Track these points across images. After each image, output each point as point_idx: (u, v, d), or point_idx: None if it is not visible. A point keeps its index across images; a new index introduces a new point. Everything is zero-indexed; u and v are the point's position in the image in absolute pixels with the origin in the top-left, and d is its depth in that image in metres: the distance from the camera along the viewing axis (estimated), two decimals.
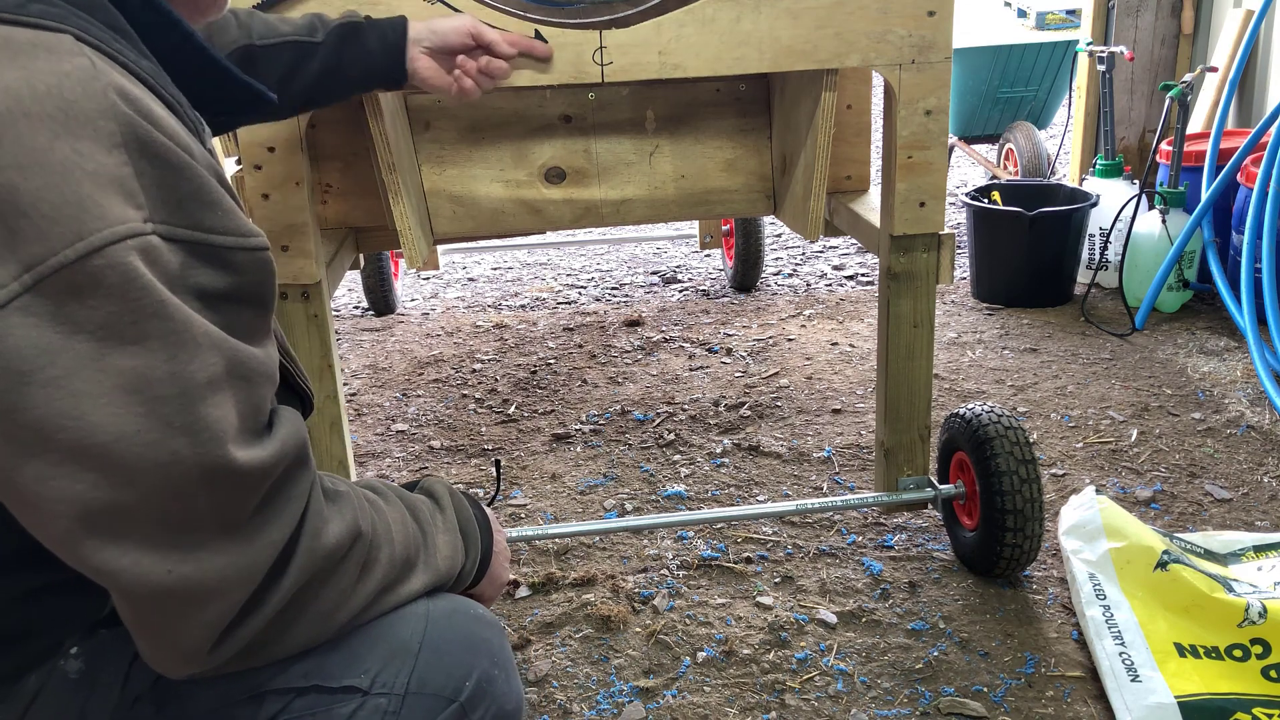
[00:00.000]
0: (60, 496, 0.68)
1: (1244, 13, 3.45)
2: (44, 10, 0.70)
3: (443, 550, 0.97)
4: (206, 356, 0.71)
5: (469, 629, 0.92)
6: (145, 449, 0.69)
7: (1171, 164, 3.20)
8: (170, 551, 0.72)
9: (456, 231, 1.95)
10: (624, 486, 2.32)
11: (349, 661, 0.86)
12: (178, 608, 0.73)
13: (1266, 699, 1.52)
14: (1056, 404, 2.63)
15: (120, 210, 0.68)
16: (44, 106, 0.66)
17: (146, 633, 0.75)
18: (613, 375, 2.94)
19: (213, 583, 0.73)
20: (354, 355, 3.20)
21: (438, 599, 0.94)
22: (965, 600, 1.86)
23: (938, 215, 1.74)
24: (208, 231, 0.73)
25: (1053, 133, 5.44)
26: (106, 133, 0.68)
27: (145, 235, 0.68)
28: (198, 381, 0.71)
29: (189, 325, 0.71)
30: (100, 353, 0.67)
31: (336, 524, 0.83)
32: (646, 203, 1.97)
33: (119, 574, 0.71)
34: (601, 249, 4.42)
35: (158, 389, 0.69)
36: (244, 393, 0.75)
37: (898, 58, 1.62)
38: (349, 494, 0.87)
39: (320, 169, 1.93)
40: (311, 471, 0.82)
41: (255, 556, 0.75)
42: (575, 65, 1.55)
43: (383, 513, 0.90)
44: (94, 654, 0.85)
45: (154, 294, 0.69)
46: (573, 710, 1.64)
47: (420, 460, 2.48)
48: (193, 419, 0.70)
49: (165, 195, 0.70)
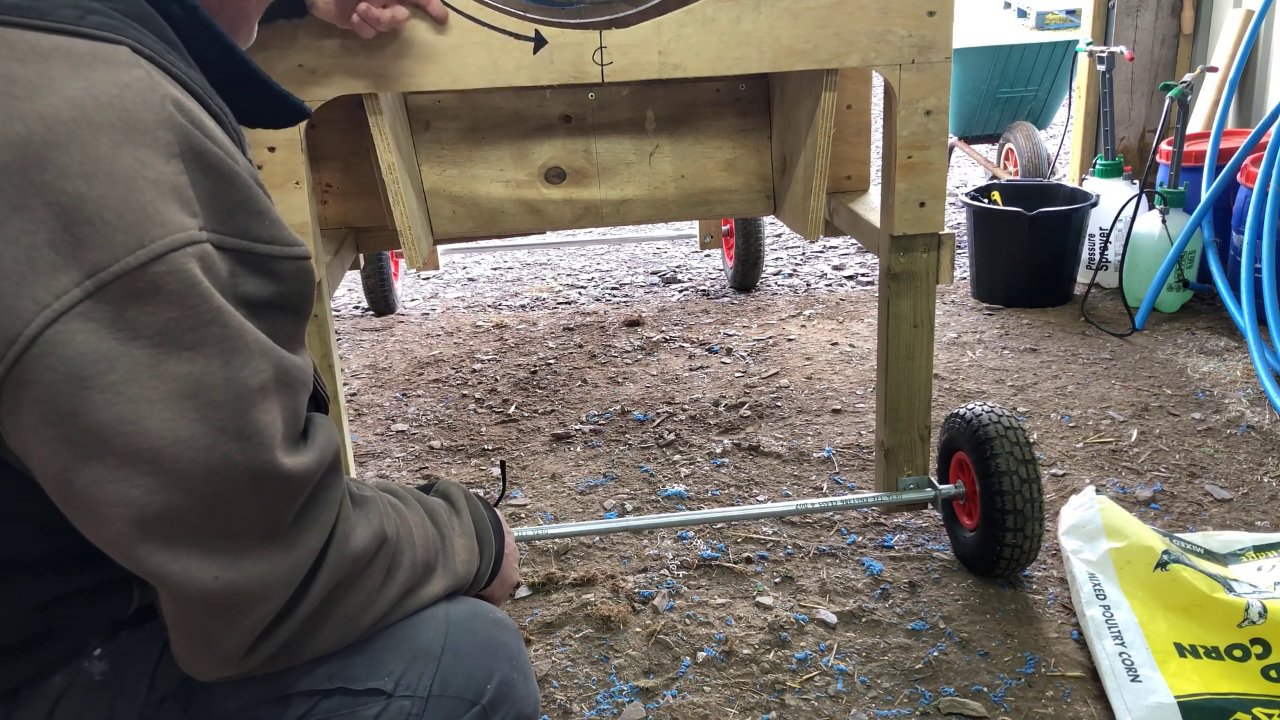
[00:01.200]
0: (117, 500, 0.69)
1: (1244, 13, 3.45)
2: (101, 22, 0.71)
3: (460, 554, 0.98)
4: (258, 363, 0.73)
5: (489, 633, 0.94)
6: (199, 453, 0.70)
7: (1171, 164, 3.20)
8: (218, 557, 0.73)
9: (456, 231, 1.95)
10: (624, 486, 2.32)
11: (373, 664, 0.87)
12: (221, 613, 0.74)
13: (1267, 699, 1.52)
14: (1056, 404, 2.63)
15: (179, 218, 0.69)
16: (106, 116, 0.67)
17: (187, 635, 0.76)
18: (613, 375, 2.94)
19: (255, 589, 0.74)
20: (354, 355, 3.20)
21: (457, 603, 0.95)
22: (965, 600, 1.86)
23: (938, 215, 1.74)
24: (255, 240, 0.74)
25: (1053, 133, 5.44)
26: (165, 142, 0.69)
27: (201, 243, 0.70)
28: (250, 388, 0.72)
29: (242, 332, 0.72)
30: (158, 358, 0.69)
31: (363, 529, 0.84)
32: (646, 203, 1.97)
33: (170, 578, 0.72)
34: (601, 249, 4.42)
35: (212, 394, 0.70)
36: (288, 399, 0.76)
37: (898, 58, 1.62)
38: (374, 499, 0.88)
39: (320, 169, 1.93)
40: (343, 478, 0.83)
41: (295, 563, 0.77)
42: (575, 65, 1.55)
43: (405, 517, 0.92)
44: (118, 655, 0.85)
45: (211, 301, 0.70)
46: (573, 710, 1.64)
47: (420, 460, 2.48)
48: (245, 424, 0.72)
49: (216, 204, 0.72)
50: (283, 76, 1.50)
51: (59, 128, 0.66)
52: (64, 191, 0.66)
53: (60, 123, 0.66)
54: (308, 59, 1.50)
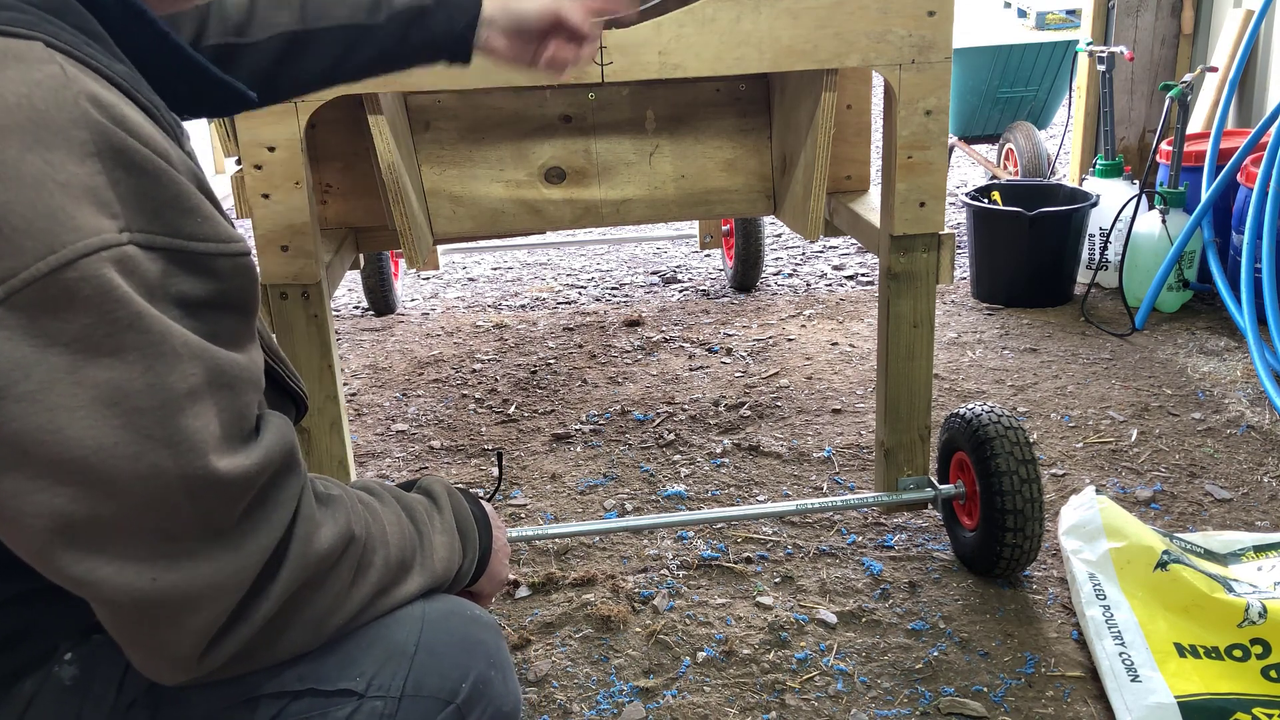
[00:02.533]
0: (38, 510, 0.68)
1: (1244, 13, 3.45)
2: (12, 17, 0.69)
3: (439, 551, 0.96)
4: (186, 367, 0.71)
5: (465, 631, 0.92)
6: (124, 461, 0.68)
7: (1171, 164, 3.20)
8: (154, 561, 0.71)
9: (456, 231, 1.95)
10: (624, 486, 2.32)
11: (344, 665, 0.85)
12: (163, 616, 0.72)
13: (1266, 699, 1.52)
14: (1056, 404, 2.63)
15: (94, 221, 0.67)
16: (14, 118, 0.65)
17: (133, 643, 0.75)
18: (613, 375, 2.94)
19: (198, 590, 0.73)
20: (354, 355, 3.20)
21: (434, 601, 0.93)
22: (965, 600, 1.86)
23: (938, 215, 1.74)
24: (187, 239, 0.72)
25: (1053, 133, 5.44)
26: (79, 142, 0.67)
27: (121, 246, 0.68)
28: (177, 393, 0.70)
29: (167, 336, 0.70)
30: (76, 365, 0.67)
31: (329, 529, 0.82)
32: (646, 203, 1.97)
33: (100, 584, 0.70)
34: (601, 249, 4.42)
35: (136, 401, 0.68)
36: (226, 400, 0.74)
37: (898, 58, 1.62)
38: (342, 497, 0.86)
39: (320, 169, 1.93)
40: (301, 476, 0.81)
41: (243, 563, 0.75)
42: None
43: (377, 515, 0.90)
44: (88, 659, 0.84)
45: (130, 306, 0.68)
46: (573, 710, 1.64)
47: (420, 460, 2.48)
48: (172, 431, 0.70)
49: (142, 203, 0.69)
50: None
51: None
52: None
53: None
54: None
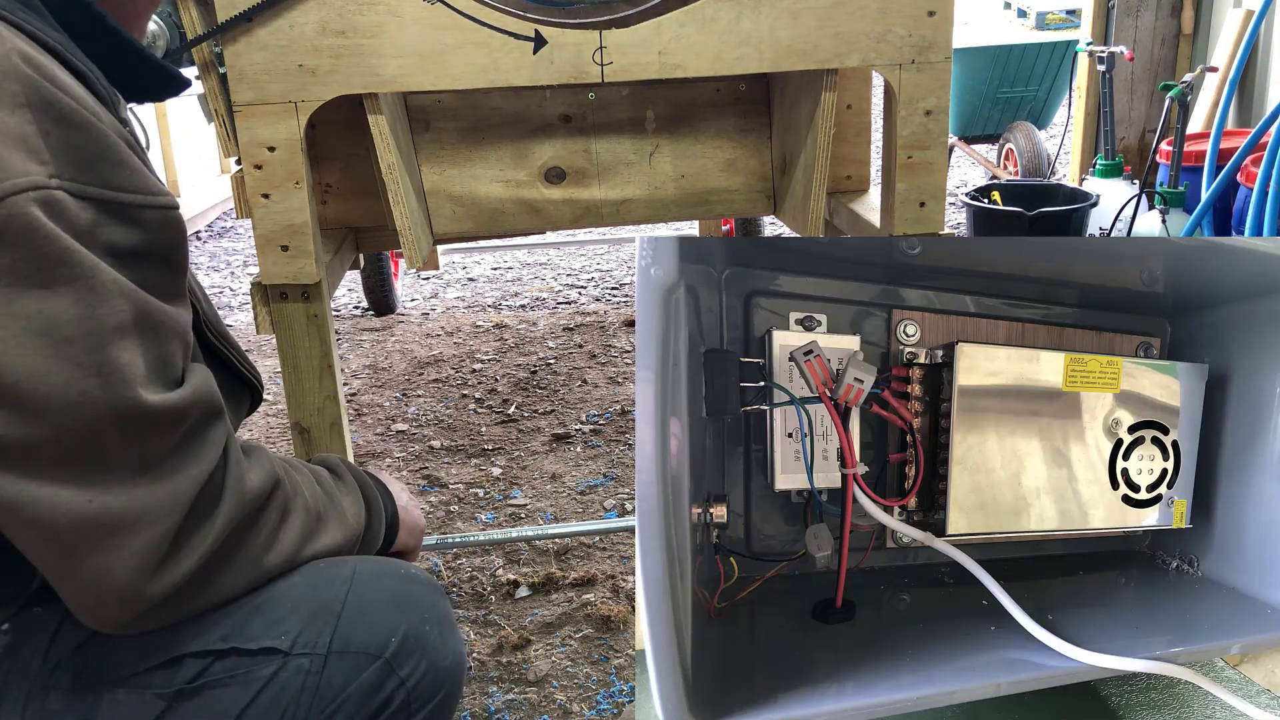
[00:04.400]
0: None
1: (1244, 13, 3.45)
2: None
3: (349, 509, 1.00)
4: (115, 303, 0.74)
5: (397, 588, 0.94)
6: (54, 388, 0.71)
7: (1171, 164, 3.20)
8: (90, 484, 0.74)
9: (456, 231, 1.95)
10: (624, 486, 2.32)
11: (269, 624, 0.87)
12: (104, 537, 0.75)
13: None
14: None
15: (22, 165, 0.70)
16: None
17: (74, 574, 0.76)
18: (613, 375, 2.94)
19: (134, 512, 0.75)
20: (354, 355, 3.20)
21: (365, 561, 0.96)
22: None
23: (938, 215, 1.74)
24: (116, 189, 0.75)
25: (1053, 133, 5.44)
26: (10, 93, 0.71)
27: (49, 189, 0.71)
28: (106, 326, 0.73)
29: (96, 272, 0.73)
30: (7, 298, 0.70)
31: (257, 471, 0.86)
32: (646, 203, 1.97)
33: (36, 504, 0.72)
34: (601, 249, 4.42)
35: (65, 330, 0.72)
36: (152, 342, 0.77)
37: (898, 58, 1.62)
38: (262, 448, 0.90)
39: (320, 169, 1.93)
40: (226, 424, 0.85)
41: (175, 488, 0.78)
42: (575, 65, 1.55)
43: (291, 470, 0.94)
44: (21, 628, 0.86)
45: (58, 242, 0.71)
46: (573, 710, 1.64)
47: (420, 460, 2.48)
48: (101, 360, 0.73)
49: (73, 155, 0.73)
50: (282, 76, 1.50)
51: None
52: None
53: None
54: (308, 59, 1.50)
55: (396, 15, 1.49)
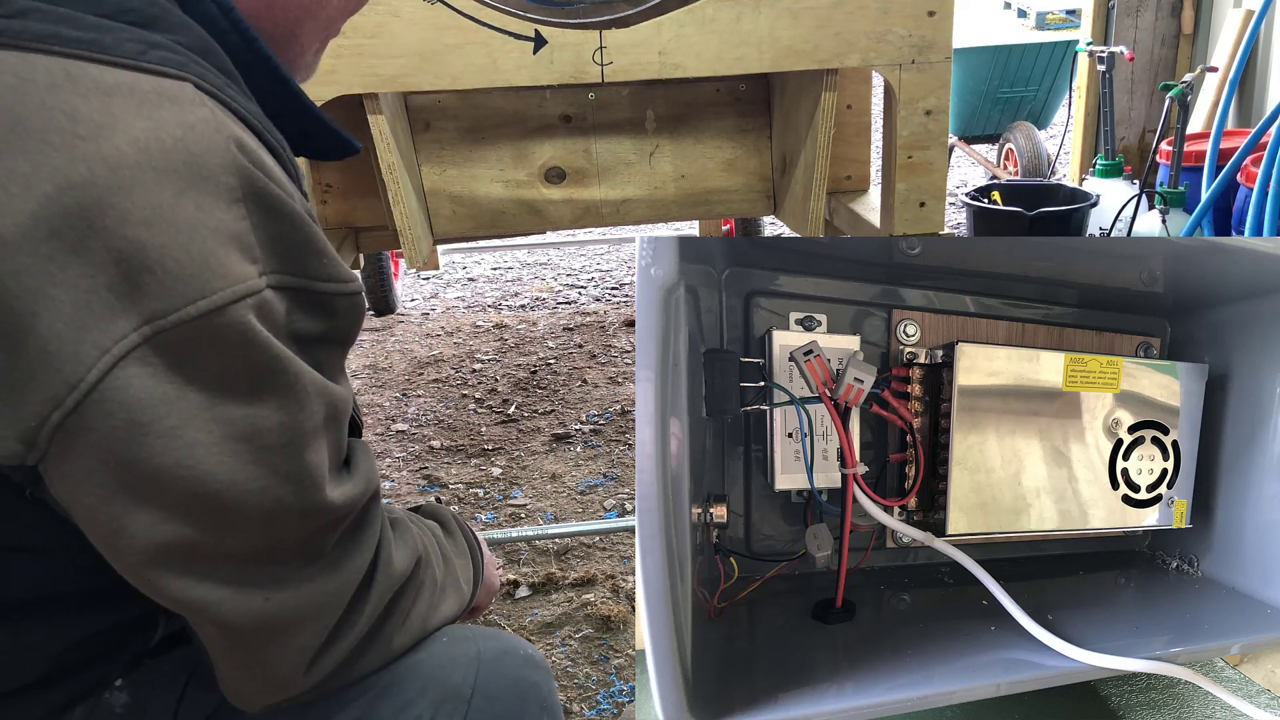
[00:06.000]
0: (166, 539, 0.69)
1: (1244, 13, 3.45)
2: (165, 57, 0.70)
3: (462, 573, 0.99)
4: (314, 407, 0.73)
5: (520, 673, 0.93)
6: (253, 495, 0.70)
7: (1171, 164, 3.20)
8: (265, 583, 0.73)
9: (456, 231, 1.96)
10: (624, 486, 2.32)
11: (400, 708, 0.86)
12: (275, 635, 0.75)
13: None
14: None
15: (240, 268, 0.68)
16: (170, 160, 0.66)
17: (238, 664, 0.76)
18: (613, 375, 2.94)
19: (307, 608, 0.75)
20: (354, 355, 3.20)
21: (488, 639, 0.95)
22: None
23: (937, 215, 1.74)
24: (313, 279, 0.74)
25: (1053, 133, 5.44)
26: (228, 187, 0.68)
27: (261, 291, 0.69)
28: (305, 431, 0.72)
29: (300, 377, 0.72)
30: (214, 403, 0.68)
31: (403, 551, 0.85)
32: (646, 203, 1.97)
33: (218, 606, 0.72)
34: (601, 249, 4.42)
35: (268, 439, 0.70)
36: (334, 434, 0.77)
37: (898, 58, 1.62)
38: (404, 520, 0.90)
39: (320, 169, 1.94)
40: (381, 503, 0.84)
41: (343, 581, 0.77)
42: (575, 65, 1.55)
43: (424, 537, 0.93)
44: (139, 685, 0.85)
45: (270, 350, 0.70)
46: (573, 710, 1.64)
47: (420, 460, 2.48)
48: (298, 466, 0.72)
49: (278, 246, 0.71)
50: None
51: (123, 171, 0.64)
52: (125, 238, 0.64)
53: (124, 166, 0.65)
54: None
55: (396, 15, 1.49)
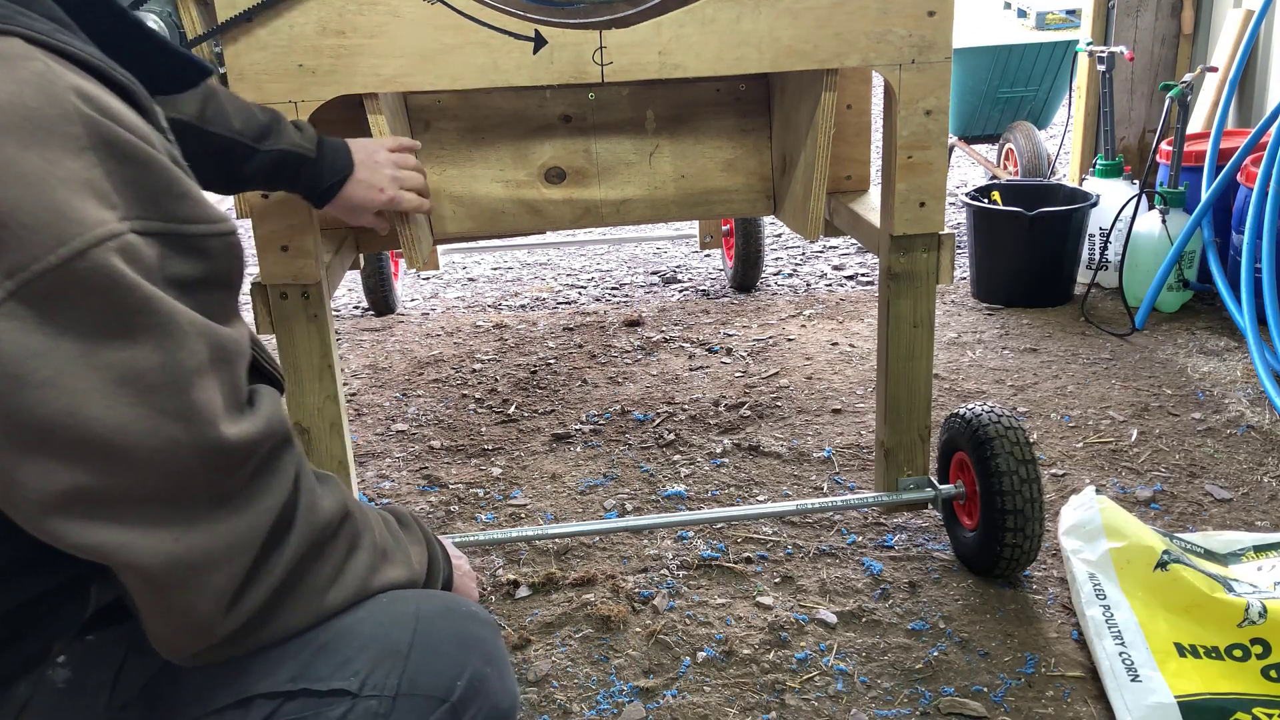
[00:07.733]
0: (61, 488, 0.70)
1: (1244, 13, 3.45)
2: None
3: (415, 555, 0.99)
4: (193, 345, 0.73)
5: (461, 627, 0.92)
6: (143, 437, 0.71)
7: (1171, 164, 3.20)
8: (174, 525, 0.74)
9: (456, 231, 1.95)
10: (624, 486, 2.32)
11: (338, 664, 0.85)
12: (189, 575, 0.75)
13: (1266, 699, 1.52)
14: (1056, 404, 2.63)
15: (96, 213, 0.69)
16: (7, 118, 0.67)
17: (159, 609, 0.76)
18: (613, 375, 2.94)
19: (219, 549, 0.75)
20: (354, 355, 3.20)
21: (429, 598, 0.94)
22: (966, 600, 1.86)
23: (938, 215, 1.74)
24: (181, 221, 0.74)
25: (1053, 133, 5.44)
26: (73, 136, 0.69)
27: (123, 235, 0.70)
28: (187, 369, 0.73)
29: (174, 315, 0.72)
30: (90, 350, 0.69)
31: (329, 499, 0.85)
32: (646, 203, 1.97)
33: (128, 549, 0.72)
34: (601, 249, 4.42)
35: (149, 379, 0.71)
36: (225, 373, 0.77)
37: (898, 58, 1.62)
38: (335, 478, 0.90)
39: None
40: (297, 448, 0.84)
41: (253, 521, 0.78)
42: (575, 65, 1.55)
43: (362, 506, 0.93)
44: (81, 661, 0.85)
45: (138, 291, 0.70)
46: (573, 710, 1.64)
47: (420, 460, 2.48)
48: (185, 405, 0.73)
49: (137, 192, 0.72)
50: (282, 76, 1.50)
51: None
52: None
53: None
54: (308, 59, 1.50)
55: (396, 15, 1.49)
